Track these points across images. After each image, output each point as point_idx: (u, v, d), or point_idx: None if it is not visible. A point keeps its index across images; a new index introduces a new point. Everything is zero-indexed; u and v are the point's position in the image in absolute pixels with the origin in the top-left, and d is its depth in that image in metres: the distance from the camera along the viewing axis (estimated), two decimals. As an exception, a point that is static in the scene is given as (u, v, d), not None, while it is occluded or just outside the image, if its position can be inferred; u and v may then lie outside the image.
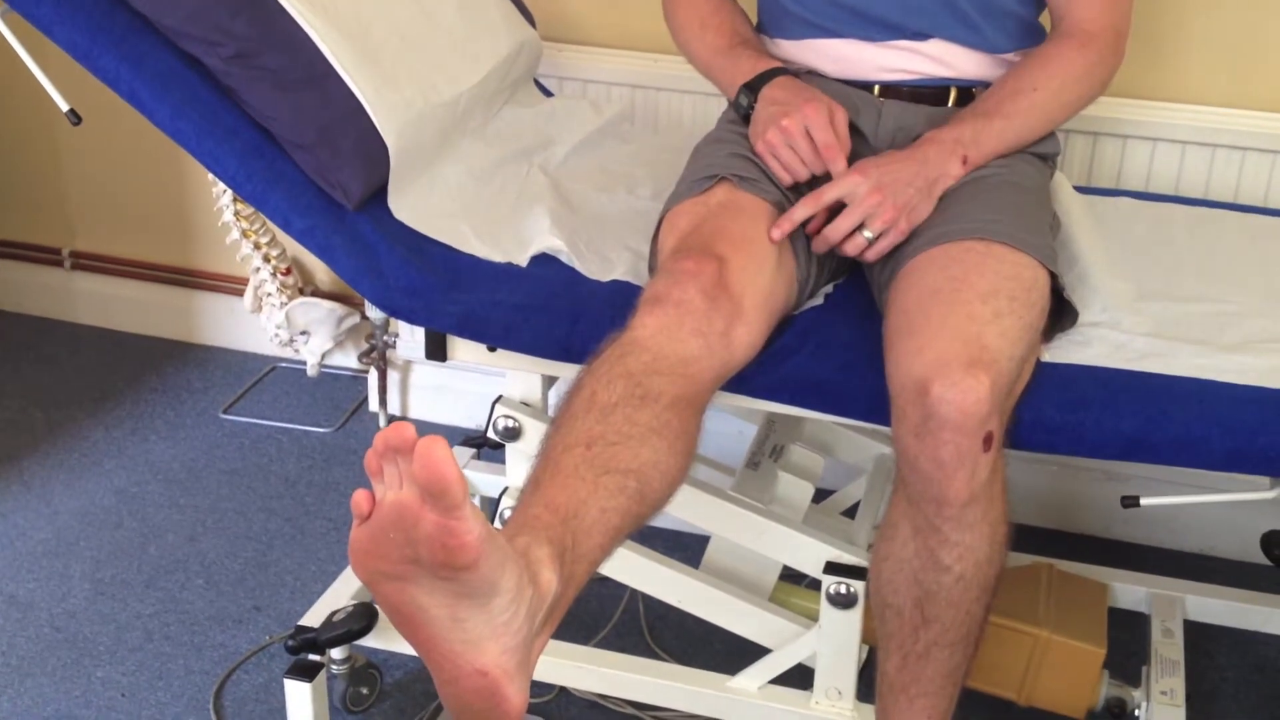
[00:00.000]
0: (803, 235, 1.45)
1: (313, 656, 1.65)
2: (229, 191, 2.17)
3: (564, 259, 1.52)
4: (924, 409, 1.23)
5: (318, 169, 1.45)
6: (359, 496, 0.94)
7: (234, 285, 2.51)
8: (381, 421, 2.36)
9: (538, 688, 1.76)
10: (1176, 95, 1.90)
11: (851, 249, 1.43)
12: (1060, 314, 1.41)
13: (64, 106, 1.47)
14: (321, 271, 2.42)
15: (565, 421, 1.17)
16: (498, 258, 1.52)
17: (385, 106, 1.49)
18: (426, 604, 0.96)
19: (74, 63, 1.43)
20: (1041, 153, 1.55)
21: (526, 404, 1.62)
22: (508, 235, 1.55)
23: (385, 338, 2.31)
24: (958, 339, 1.25)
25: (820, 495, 1.75)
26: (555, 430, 1.17)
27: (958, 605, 1.31)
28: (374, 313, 2.28)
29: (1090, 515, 2.10)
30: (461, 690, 0.99)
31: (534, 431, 1.60)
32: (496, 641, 0.98)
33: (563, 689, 1.77)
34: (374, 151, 1.48)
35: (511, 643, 0.99)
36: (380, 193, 1.51)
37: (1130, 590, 1.79)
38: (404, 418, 2.40)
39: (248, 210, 2.20)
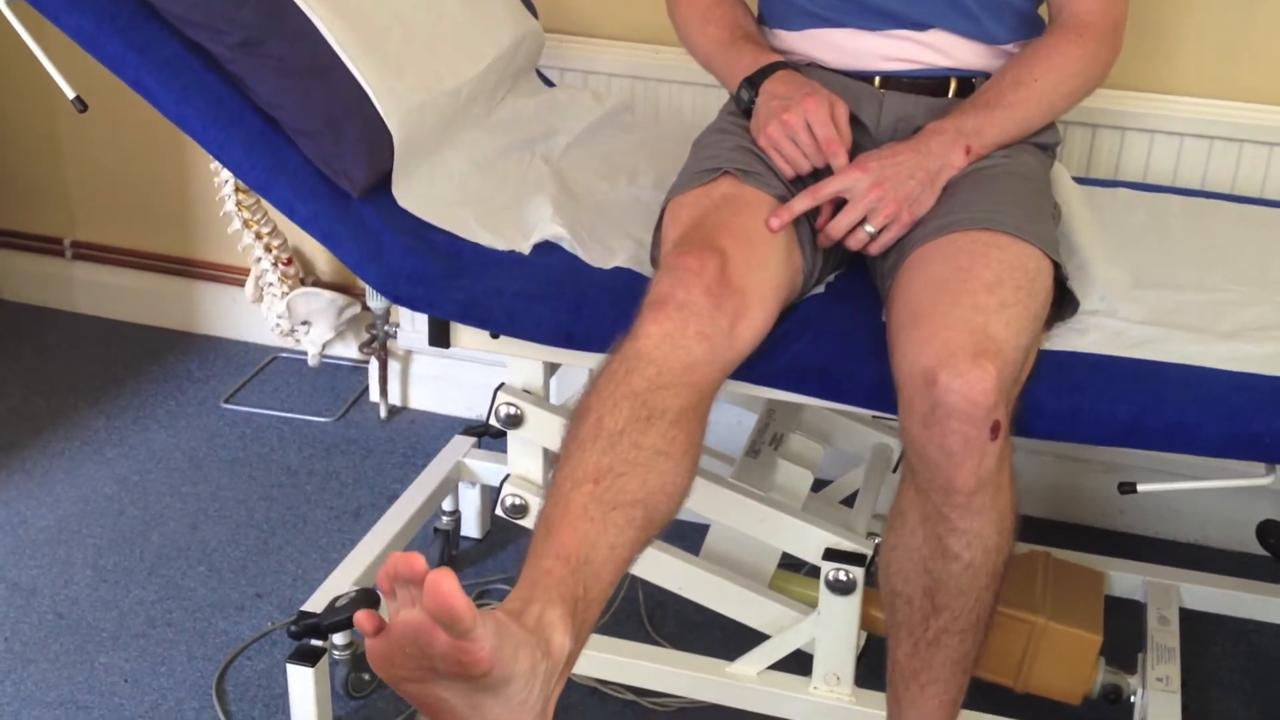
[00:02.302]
0: (809, 228, 1.46)
1: (315, 642, 1.66)
2: (230, 181, 2.18)
3: (566, 247, 1.52)
4: (931, 399, 1.24)
5: (323, 156, 1.46)
6: (361, 619, 0.99)
7: (235, 275, 2.52)
8: (382, 412, 2.38)
9: (538, 674, 1.77)
10: (1174, 88, 1.91)
11: (854, 244, 1.44)
12: (1061, 303, 1.42)
13: (70, 94, 1.47)
14: (322, 261, 2.43)
15: (574, 451, 1.20)
16: (500, 245, 1.52)
17: (389, 95, 1.50)
18: (445, 697, 1.02)
19: (76, 53, 1.44)
20: (1042, 143, 1.56)
21: (528, 391, 1.63)
22: (510, 223, 1.56)
23: (386, 328, 2.32)
24: (964, 329, 1.26)
25: (819, 485, 1.77)
26: (564, 460, 1.20)
27: (967, 593, 1.32)
28: (375, 303, 2.29)
29: (1088, 506, 2.12)
30: None
31: (536, 418, 1.61)
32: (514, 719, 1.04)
33: (563, 675, 1.78)
34: (378, 139, 1.49)
35: (528, 717, 1.04)
36: (384, 181, 1.52)
37: (1127, 579, 1.80)
38: (404, 408, 2.41)
39: (249, 200, 2.21)
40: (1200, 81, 1.90)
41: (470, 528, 2.08)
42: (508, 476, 1.67)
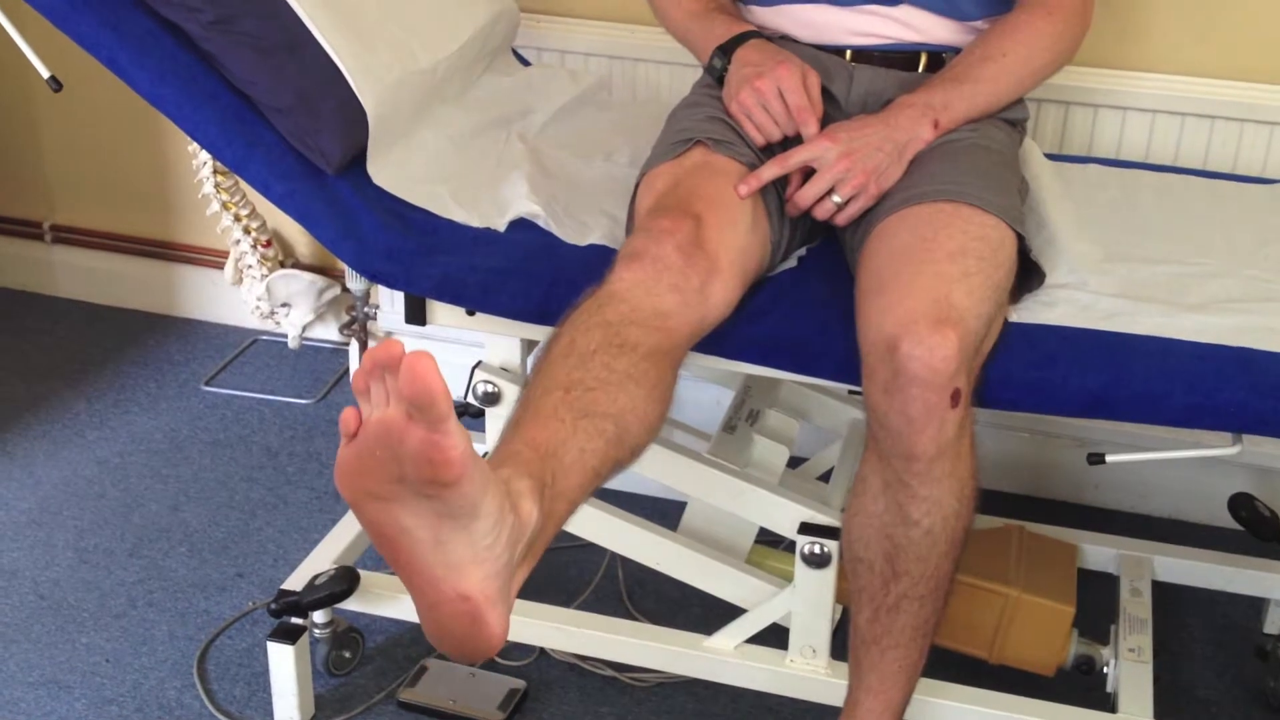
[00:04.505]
0: (776, 197, 1.47)
1: (295, 620, 1.67)
2: (209, 163, 2.18)
3: (541, 224, 1.53)
4: (893, 366, 1.25)
5: (297, 134, 1.46)
6: (347, 414, 0.95)
7: (214, 258, 2.52)
8: (363, 393, 2.38)
9: (518, 650, 1.78)
10: (1147, 65, 1.92)
11: (822, 213, 1.46)
12: (1028, 276, 1.43)
13: (45, 73, 1.47)
14: (302, 244, 2.43)
15: (544, 367, 1.19)
16: (476, 222, 1.53)
17: (364, 72, 1.50)
18: (410, 525, 0.97)
19: (53, 35, 1.44)
20: (1010, 118, 1.58)
21: (505, 369, 1.63)
22: (486, 200, 1.56)
23: (366, 309, 2.32)
24: (926, 297, 1.27)
25: (796, 462, 1.78)
26: (535, 376, 1.19)
27: (926, 559, 1.34)
28: (355, 284, 2.29)
29: (1062, 481, 2.13)
30: (442, 615, 1.00)
31: (513, 396, 1.62)
32: (479, 567, 0.98)
33: (542, 651, 1.79)
34: (353, 117, 1.49)
35: (493, 569, 0.99)
36: (360, 158, 1.52)
37: (1099, 551, 1.82)
38: (385, 389, 2.41)
39: (228, 182, 2.21)
40: (1173, 59, 1.91)
41: (450, 507, 2.08)
42: (485, 455, 1.67)
